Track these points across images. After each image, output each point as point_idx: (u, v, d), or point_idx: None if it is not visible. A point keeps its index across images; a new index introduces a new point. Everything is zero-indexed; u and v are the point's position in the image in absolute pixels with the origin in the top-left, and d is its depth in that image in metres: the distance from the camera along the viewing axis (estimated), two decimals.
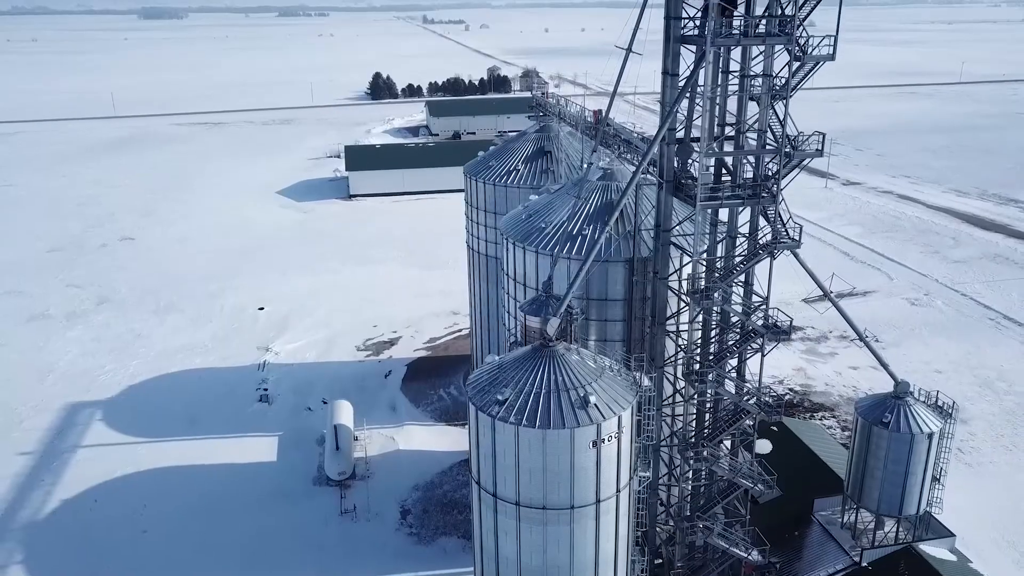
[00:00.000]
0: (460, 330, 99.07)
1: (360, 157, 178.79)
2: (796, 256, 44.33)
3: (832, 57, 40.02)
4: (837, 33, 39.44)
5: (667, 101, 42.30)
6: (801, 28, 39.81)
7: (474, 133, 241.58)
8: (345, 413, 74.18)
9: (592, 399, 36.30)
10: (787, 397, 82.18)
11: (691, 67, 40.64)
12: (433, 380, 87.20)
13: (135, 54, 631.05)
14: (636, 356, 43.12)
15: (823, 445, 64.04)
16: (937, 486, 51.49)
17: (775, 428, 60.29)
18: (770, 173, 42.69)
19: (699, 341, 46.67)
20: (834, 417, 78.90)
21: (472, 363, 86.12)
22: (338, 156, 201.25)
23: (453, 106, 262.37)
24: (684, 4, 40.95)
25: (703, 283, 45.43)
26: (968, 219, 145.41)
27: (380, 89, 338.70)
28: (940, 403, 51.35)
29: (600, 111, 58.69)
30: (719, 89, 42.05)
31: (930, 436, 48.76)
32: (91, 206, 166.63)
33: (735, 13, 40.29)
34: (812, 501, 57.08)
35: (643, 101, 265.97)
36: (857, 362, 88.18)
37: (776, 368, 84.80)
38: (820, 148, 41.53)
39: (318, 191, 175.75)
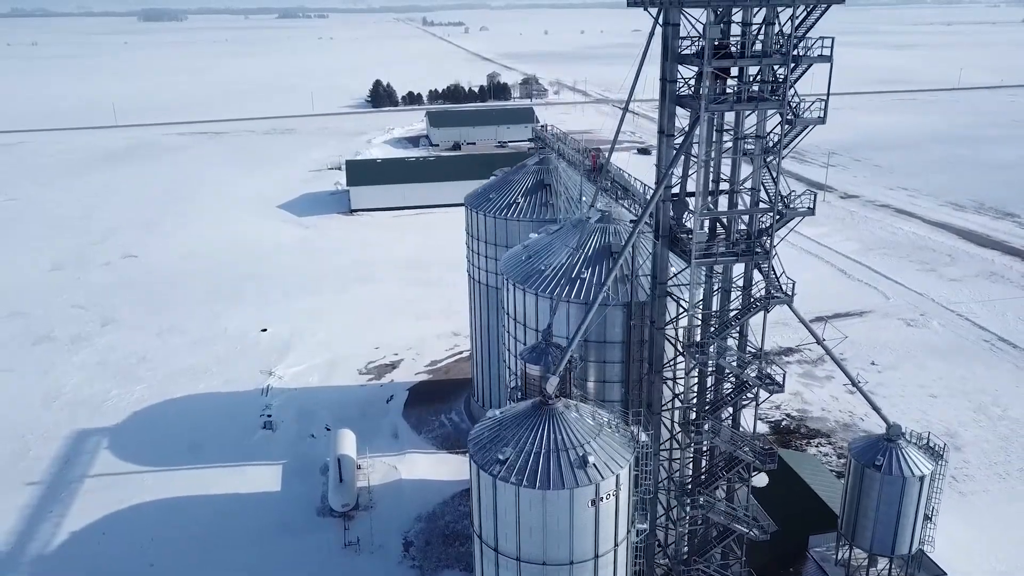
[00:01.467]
0: (461, 352, 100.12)
1: (361, 172, 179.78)
2: (791, 308, 45.45)
3: (823, 120, 41.14)
4: (828, 98, 40.53)
5: (663, 161, 43.41)
6: (793, 91, 40.97)
7: (474, 143, 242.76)
8: (348, 443, 75.18)
9: (591, 459, 37.43)
10: (783, 423, 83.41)
11: (686, 130, 41.73)
12: (435, 405, 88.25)
13: (135, 57, 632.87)
14: (634, 411, 44.21)
15: (819, 478, 65.13)
16: (929, 525, 52.67)
17: None
18: (763, 227, 43.84)
19: (695, 390, 47.81)
20: (830, 444, 79.86)
21: (472, 387, 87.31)
22: (339, 168, 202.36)
23: (453, 116, 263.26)
24: (679, 67, 42.08)
25: (698, 335, 46.51)
26: (965, 235, 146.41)
27: (380, 97, 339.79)
28: (931, 444, 52.50)
29: (598, 154, 59.75)
30: (713, 147, 43.18)
31: (921, 479, 49.96)
32: (92, 220, 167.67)
33: (728, 76, 41.42)
34: (807, 537, 58.29)
35: (643, 109, 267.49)
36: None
37: None
38: (812, 207, 42.64)
39: (319, 205, 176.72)
